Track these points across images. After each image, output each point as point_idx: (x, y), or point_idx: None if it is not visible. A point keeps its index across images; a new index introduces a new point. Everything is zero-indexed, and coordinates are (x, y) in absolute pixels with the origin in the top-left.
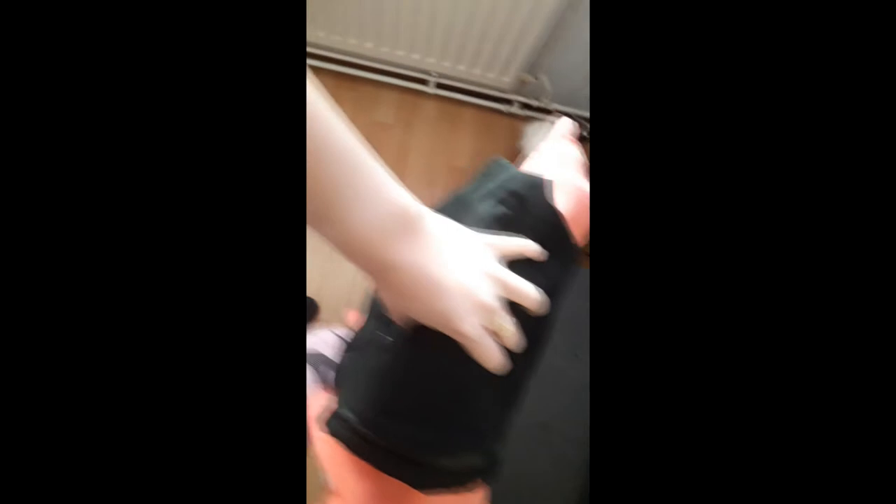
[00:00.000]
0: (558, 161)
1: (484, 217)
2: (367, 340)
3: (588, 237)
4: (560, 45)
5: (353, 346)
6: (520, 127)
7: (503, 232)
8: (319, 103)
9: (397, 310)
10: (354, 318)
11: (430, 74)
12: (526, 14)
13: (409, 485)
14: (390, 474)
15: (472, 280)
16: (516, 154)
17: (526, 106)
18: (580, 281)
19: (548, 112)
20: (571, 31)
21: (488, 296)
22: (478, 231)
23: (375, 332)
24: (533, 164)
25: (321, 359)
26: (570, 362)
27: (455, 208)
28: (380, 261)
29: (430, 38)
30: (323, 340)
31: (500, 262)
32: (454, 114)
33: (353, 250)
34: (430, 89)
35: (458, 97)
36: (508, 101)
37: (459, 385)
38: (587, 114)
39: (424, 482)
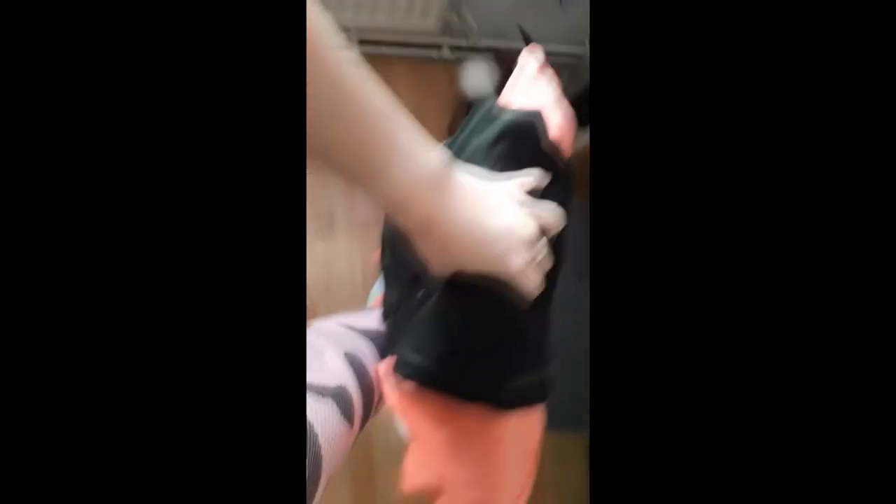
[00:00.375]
0: (538, 92)
1: (488, 157)
2: (397, 303)
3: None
4: None
5: (388, 314)
6: (455, 70)
7: (509, 170)
8: (354, 68)
9: (441, 262)
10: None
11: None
12: None
13: (491, 405)
14: (469, 400)
15: (513, 221)
16: (457, 99)
17: (456, 48)
18: (579, 211)
19: (479, 49)
20: None
21: (529, 232)
22: (487, 172)
23: (404, 292)
24: (516, 99)
25: (378, 334)
26: (574, 285)
27: (458, 154)
28: (424, 215)
29: None
30: (375, 319)
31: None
32: (384, 70)
33: (398, 205)
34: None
35: (383, 52)
36: (437, 46)
37: (505, 317)
38: (518, 45)
39: (503, 401)
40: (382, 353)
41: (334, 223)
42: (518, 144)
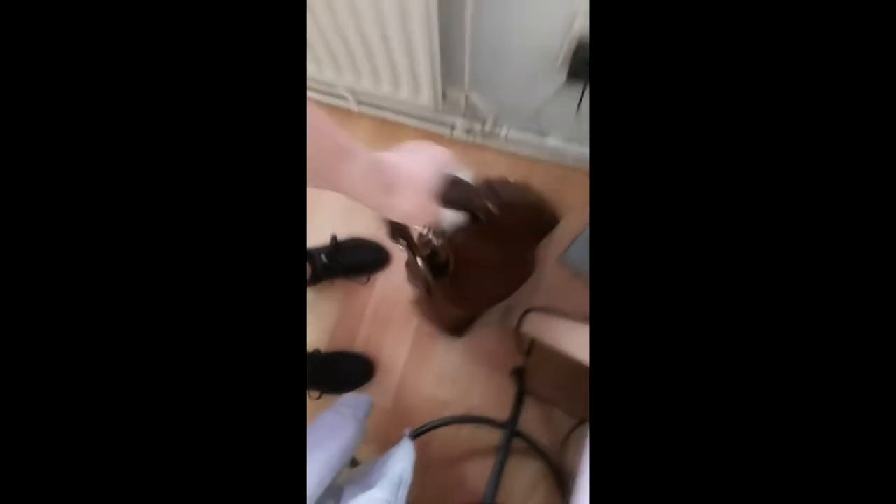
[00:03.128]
0: None
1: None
2: None
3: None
4: (483, 58)
5: None
6: (472, 154)
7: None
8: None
9: (394, 213)
10: None
11: (351, 92)
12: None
13: None
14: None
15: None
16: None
17: (471, 131)
18: None
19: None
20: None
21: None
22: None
23: None
24: None
25: None
26: None
27: None
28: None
29: (336, 56)
30: None
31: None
32: (391, 134)
33: (357, 197)
34: (354, 107)
35: (389, 116)
36: (451, 126)
37: None
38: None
39: None
40: None
41: None
42: None
